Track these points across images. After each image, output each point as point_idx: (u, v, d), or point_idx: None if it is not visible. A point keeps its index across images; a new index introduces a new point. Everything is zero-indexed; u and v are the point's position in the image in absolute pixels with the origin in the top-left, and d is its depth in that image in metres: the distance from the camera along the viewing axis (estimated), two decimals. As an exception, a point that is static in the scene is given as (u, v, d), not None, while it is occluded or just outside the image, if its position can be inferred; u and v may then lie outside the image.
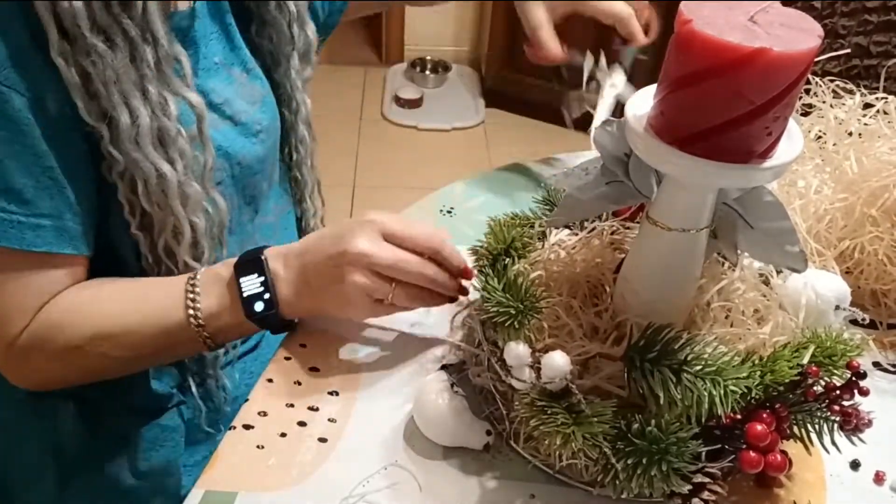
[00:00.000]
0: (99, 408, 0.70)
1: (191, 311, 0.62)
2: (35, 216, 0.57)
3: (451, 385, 0.62)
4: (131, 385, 0.69)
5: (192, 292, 0.62)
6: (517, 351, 0.54)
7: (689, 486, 0.53)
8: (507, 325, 0.55)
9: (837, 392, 0.56)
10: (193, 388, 0.72)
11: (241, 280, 0.61)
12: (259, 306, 0.60)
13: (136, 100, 0.57)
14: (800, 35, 0.45)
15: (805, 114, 0.82)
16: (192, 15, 0.65)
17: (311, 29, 0.76)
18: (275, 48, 0.74)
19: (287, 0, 0.72)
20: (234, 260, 0.62)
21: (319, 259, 0.61)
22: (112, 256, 0.66)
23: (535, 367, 0.53)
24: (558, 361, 0.52)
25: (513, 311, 0.55)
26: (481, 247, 0.64)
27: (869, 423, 0.57)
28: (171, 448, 0.71)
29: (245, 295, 0.60)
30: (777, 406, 0.56)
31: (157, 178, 0.60)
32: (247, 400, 0.65)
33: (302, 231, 0.87)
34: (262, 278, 0.61)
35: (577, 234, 0.68)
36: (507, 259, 0.63)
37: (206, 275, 0.63)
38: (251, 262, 0.61)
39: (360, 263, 0.60)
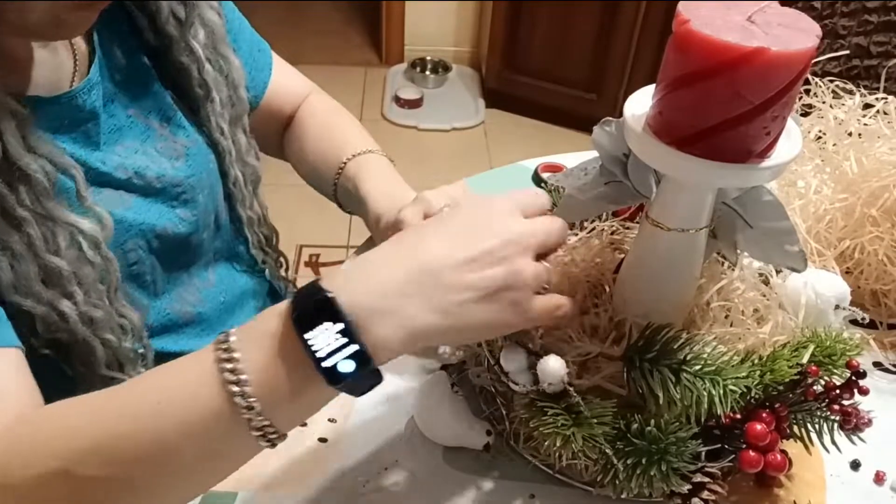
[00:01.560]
0: None
1: (234, 389, 0.41)
2: None
3: (451, 385, 0.62)
4: None
5: (230, 360, 0.41)
6: (513, 356, 0.54)
7: (689, 486, 0.53)
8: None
9: (837, 391, 0.56)
10: None
11: (309, 339, 0.40)
12: (347, 367, 0.40)
13: (16, 244, 0.50)
14: (798, 35, 0.45)
15: (805, 114, 0.82)
16: (89, 87, 0.58)
17: (235, 67, 0.69)
18: (191, 94, 0.67)
19: (192, 44, 0.65)
20: (280, 306, 0.43)
21: (459, 254, 0.44)
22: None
23: (533, 371, 0.53)
24: (553, 366, 0.52)
25: None
26: None
27: (869, 423, 0.57)
28: None
29: (320, 356, 0.40)
30: (777, 406, 0.56)
31: (54, 315, 0.53)
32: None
33: (254, 259, 0.81)
34: (341, 326, 0.41)
35: (576, 234, 0.68)
36: None
37: (243, 334, 0.43)
38: (311, 306, 0.41)
39: (527, 248, 0.46)
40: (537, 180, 0.97)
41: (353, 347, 0.41)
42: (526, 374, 0.54)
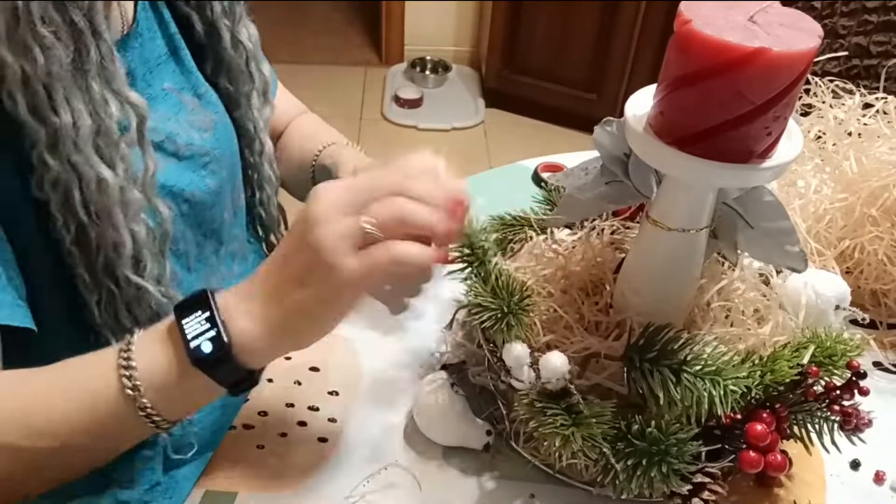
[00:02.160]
0: None
1: (123, 372, 0.49)
2: None
3: (451, 385, 0.62)
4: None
5: (127, 350, 0.50)
6: (516, 351, 0.54)
7: (689, 487, 0.53)
8: (493, 328, 0.55)
9: (837, 392, 0.56)
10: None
11: (184, 322, 0.49)
12: (206, 347, 0.48)
13: (78, 100, 0.53)
14: (799, 35, 0.45)
15: (805, 114, 0.82)
16: (130, 46, 0.61)
17: (266, 67, 0.74)
18: (233, 87, 0.71)
19: (242, 39, 0.70)
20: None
21: (280, 254, 0.51)
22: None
23: (535, 367, 0.53)
24: (556, 362, 0.52)
25: (499, 314, 0.55)
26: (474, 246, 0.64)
27: (869, 423, 0.57)
28: (150, 476, 0.65)
29: (189, 337, 0.49)
30: (777, 406, 0.56)
31: (97, 183, 0.54)
32: (247, 399, 0.65)
33: (259, 244, 0.84)
34: (208, 314, 0.49)
35: (577, 234, 0.68)
36: (496, 259, 0.62)
37: (144, 333, 0.52)
38: (194, 300, 0.50)
39: (323, 218, 0.48)
40: (537, 180, 0.97)
41: (212, 332, 0.48)
42: (527, 371, 0.54)
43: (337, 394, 0.66)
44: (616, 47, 2.43)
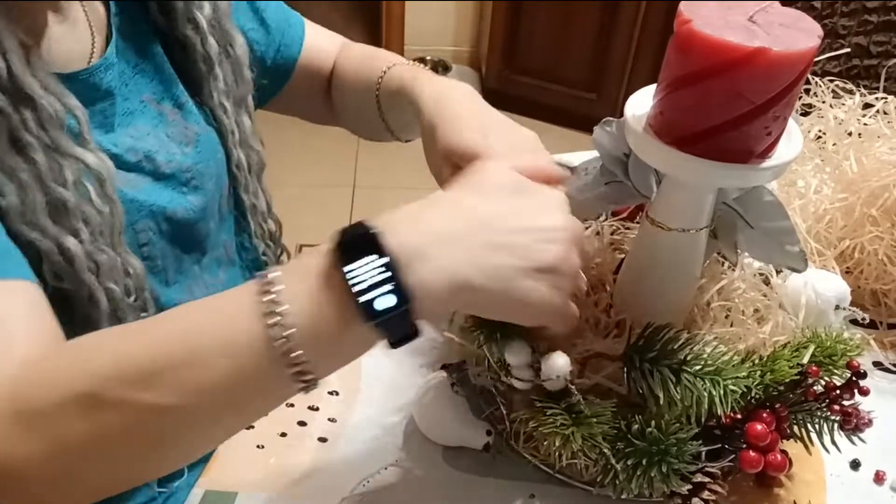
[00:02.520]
0: None
1: (271, 320, 0.40)
2: None
3: (452, 385, 0.62)
4: None
5: (270, 291, 0.40)
6: (518, 349, 0.54)
7: (689, 486, 0.53)
8: (489, 334, 0.54)
9: (837, 392, 0.56)
10: None
11: (351, 268, 0.40)
12: (384, 302, 0.40)
13: (23, 172, 0.49)
14: (799, 35, 0.45)
15: (805, 114, 0.82)
16: (106, 66, 0.59)
17: (239, 44, 0.69)
18: (195, 69, 0.67)
19: (197, 15, 0.65)
20: (323, 247, 0.42)
21: (514, 222, 0.44)
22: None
23: (536, 367, 0.53)
24: (559, 362, 0.52)
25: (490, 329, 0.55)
26: None
27: (869, 423, 0.57)
28: (144, 489, 0.64)
29: (359, 287, 0.39)
30: (777, 406, 0.56)
31: (59, 253, 0.51)
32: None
33: (255, 251, 0.79)
34: (385, 260, 0.40)
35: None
36: None
37: (289, 270, 0.42)
38: (360, 238, 0.41)
39: (578, 244, 0.47)
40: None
41: (394, 284, 0.40)
42: (528, 371, 0.54)
43: (337, 394, 0.66)
44: (616, 47, 2.43)
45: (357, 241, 0.41)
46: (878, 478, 0.62)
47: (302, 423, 0.64)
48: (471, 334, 0.56)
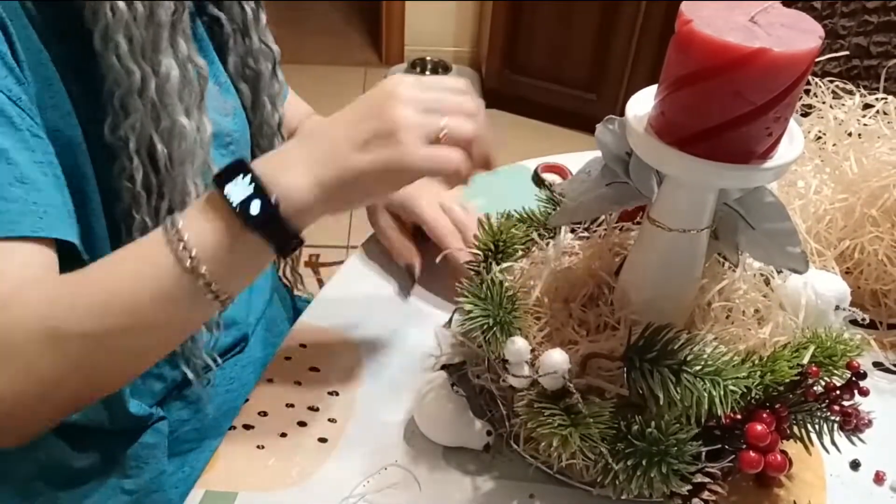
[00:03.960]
0: (83, 431, 0.66)
1: (176, 247, 0.50)
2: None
3: (452, 385, 0.62)
4: (109, 408, 0.66)
5: (172, 227, 0.51)
6: (517, 347, 0.54)
7: (689, 487, 0.53)
8: (486, 337, 0.55)
9: (837, 392, 0.56)
10: (172, 401, 0.70)
11: (227, 187, 0.50)
12: (255, 207, 0.49)
13: (169, 54, 0.56)
14: (800, 35, 0.45)
15: (805, 114, 0.82)
16: None
17: (276, 52, 0.77)
18: (257, 89, 0.75)
19: (270, 44, 0.74)
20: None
21: (344, 118, 0.53)
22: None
23: (534, 366, 0.53)
24: (556, 358, 0.52)
25: (490, 323, 0.55)
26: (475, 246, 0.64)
27: (869, 423, 0.57)
28: (154, 464, 0.69)
29: (235, 202, 0.50)
30: (777, 406, 0.56)
31: (177, 130, 0.58)
32: (247, 400, 0.65)
33: None
34: (250, 176, 0.50)
35: (579, 236, 0.68)
36: (493, 262, 0.62)
37: (185, 212, 0.52)
38: (231, 168, 0.51)
39: (407, 101, 0.52)
40: (538, 180, 0.96)
41: (261, 193, 0.50)
42: (527, 368, 0.54)
43: (337, 394, 0.66)
44: (616, 47, 2.43)
45: (231, 168, 0.51)
46: (878, 478, 0.62)
47: (302, 424, 0.64)
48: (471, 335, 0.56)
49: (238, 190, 0.50)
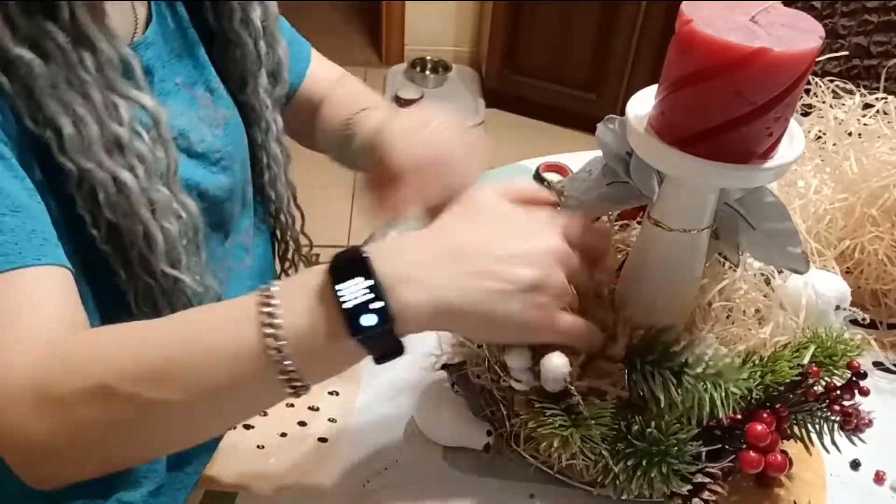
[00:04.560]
0: None
1: (267, 330, 0.44)
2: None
3: (452, 385, 0.62)
4: None
5: (268, 304, 0.45)
6: (517, 353, 0.54)
7: (690, 487, 0.53)
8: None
9: (838, 392, 0.56)
10: None
11: (341, 287, 0.45)
12: (369, 320, 0.44)
13: (80, 106, 0.52)
14: (800, 35, 0.45)
15: (805, 114, 0.82)
16: (146, 44, 0.61)
17: (282, 47, 0.73)
18: (241, 67, 0.70)
19: (251, 17, 0.69)
20: (321, 267, 0.47)
21: (491, 241, 0.48)
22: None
23: (535, 370, 0.53)
24: (556, 362, 0.52)
25: None
26: None
27: (869, 423, 0.57)
28: (154, 478, 0.66)
29: (348, 305, 0.44)
30: (777, 406, 0.56)
31: (115, 186, 0.54)
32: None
33: (278, 241, 0.84)
34: (370, 283, 0.45)
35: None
36: None
37: (287, 285, 0.47)
38: (349, 261, 0.46)
39: (562, 262, 0.49)
40: (539, 180, 0.96)
41: (379, 303, 0.44)
42: (528, 373, 0.54)
43: (337, 394, 0.66)
44: (616, 47, 2.43)
45: (349, 264, 0.46)
46: (878, 478, 0.62)
47: (302, 423, 0.64)
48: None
49: (353, 292, 0.44)
